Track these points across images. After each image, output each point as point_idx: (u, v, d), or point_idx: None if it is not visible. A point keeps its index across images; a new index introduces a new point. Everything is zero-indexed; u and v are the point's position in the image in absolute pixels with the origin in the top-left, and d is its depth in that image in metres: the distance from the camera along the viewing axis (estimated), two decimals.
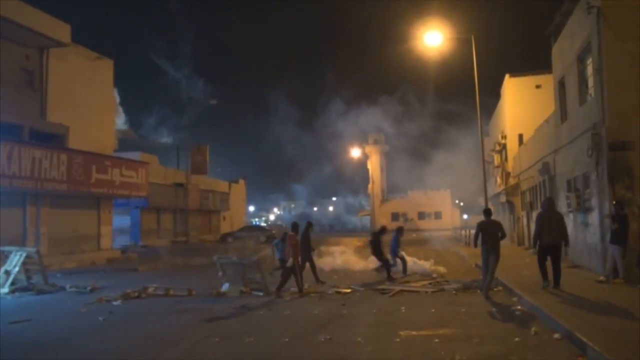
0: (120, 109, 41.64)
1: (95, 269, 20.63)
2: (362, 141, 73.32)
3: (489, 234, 12.15)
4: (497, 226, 12.41)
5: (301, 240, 14.69)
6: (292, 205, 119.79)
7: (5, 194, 19.29)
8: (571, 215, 16.20)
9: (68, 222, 22.96)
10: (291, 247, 13.14)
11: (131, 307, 11.94)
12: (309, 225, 15.89)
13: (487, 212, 13.00)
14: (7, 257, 15.06)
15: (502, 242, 12.41)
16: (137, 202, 34.85)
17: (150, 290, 13.77)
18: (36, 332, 9.51)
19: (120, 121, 42.52)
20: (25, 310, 11.68)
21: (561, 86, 17.25)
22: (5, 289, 14.12)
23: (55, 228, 22.01)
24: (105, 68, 26.91)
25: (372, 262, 17.50)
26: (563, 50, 16.89)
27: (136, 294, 13.32)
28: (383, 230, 17.07)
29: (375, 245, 16.12)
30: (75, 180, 21.79)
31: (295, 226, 14.11)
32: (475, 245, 13.59)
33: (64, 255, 21.86)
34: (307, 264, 15.12)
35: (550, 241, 11.86)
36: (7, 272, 14.53)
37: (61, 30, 22.41)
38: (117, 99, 42.50)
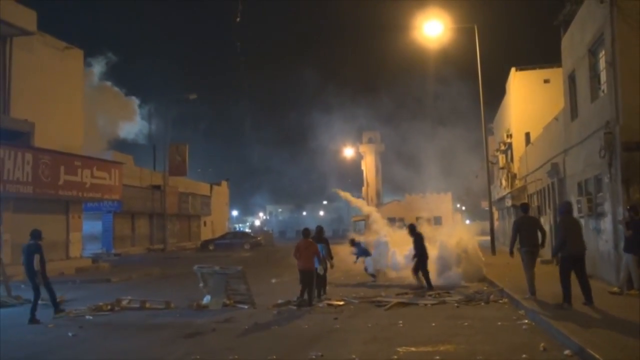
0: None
1: (64, 280, 20.47)
2: (356, 140, 73.41)
3: (530, 232, 12.24)
4: (538, 224, 12.68)
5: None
6: (279, 210, 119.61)
7: None
8: (582, 221, 16.27)
9: (34, 228, 22.77)
10: (314, 255, 13.54)
11: (103, 321, 11.89)
12: (319, 230, 15.77)
13: (525, 207, 13.06)
14: None
15: (507, 250, 12.46)
16: (109, 206, 34.71)
17: (124, 303, 13.71)
18: (0, 348, 9.44)
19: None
20: None
21: (571, 81, 17.36)
22: None
23: (19, 234, 21.72)
24: (75, 59, 26.79)
25: None
26: (573, 42, 17.00)
27: (109, 307, 13.25)
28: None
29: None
30: (42, 182, 21.65)
31: (306, 232, 14.12)
32: (513, 252, 12.54)
33: None
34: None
35: (578, 251, 11.18)
36: None
37: (26, 18, 22.29)
38: (137, 103, 42.91)
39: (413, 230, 16.27)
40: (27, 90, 23.05)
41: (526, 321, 10.36)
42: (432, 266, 16.55)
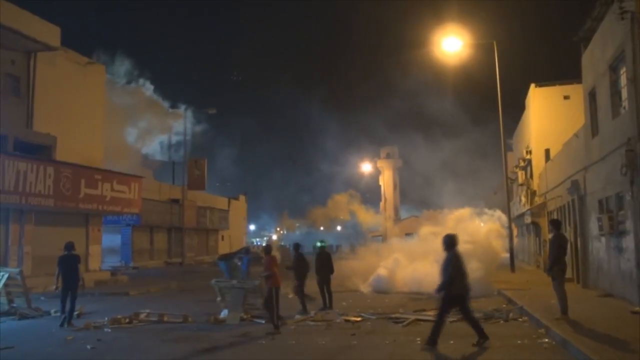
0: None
1: (83, 292, 20.56)
2: (374, 155, 73.36)
3: (565, 250, 12.21)
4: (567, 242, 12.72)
5: (317, 262, 15.45)
6: (297, 225, 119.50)
7: None
8: (603, 239, 16.11)
9: (54, 241, 22.91)
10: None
11: (122, 334, 11.95)
12: (322, 246, 16.32)
13: (557, 223, 12.96)
14: None
15: (528, 268, 12.38)
16: (128, 220, 35.01)
17: (143, 316, 13.78)
18: None
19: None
20: (7, 336, 11.68)
21: (592, 97, 17.25)
22: None
23: (39, 247, 22.06)
24: (96, 74, 27.20)
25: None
26: (594, 58, 16.91)
27: (127, 320, 13.33)
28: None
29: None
30: (63, 195, 21.91)
31: (268, 249, 13.86)
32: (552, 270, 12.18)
33: (49, 276, 21.72)
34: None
35: (466, 290, 10.21)
36: None
37: (50, 33, 22.73)
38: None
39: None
40: (50, 104, 23.42)
41: (546, 340, 10.23)
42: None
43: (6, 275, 14.93)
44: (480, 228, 22.20)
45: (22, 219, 21.48)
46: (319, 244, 16.68)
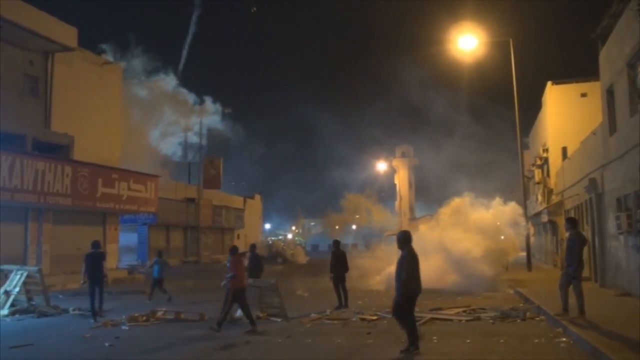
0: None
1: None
2: (389, 154, 73.16)
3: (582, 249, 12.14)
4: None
5: (332, 260, 15.62)
6: (312, 223, 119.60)
7: (6, 209, 19.64)
8: (621, 238, 15.96)
9: (71, 239, 23.26)
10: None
11: (139, 332, 12.04)
12: (336, 243, 16.36)
13: (574, 221, 12.86)
14: (7, 276, 15.33)
15: (544, 267, 12.31)
16: (145, 218, 35.21)
17: (159, 314, 13.87)
18: (38, 358, 9.63)
19: None
20: (26, 334, 11.85)
21: (609, 95, 17.09)
22: (5, 311, 14.34)
23: (57, 245, 22.32)
24: (113, 74, 27.44)
25: None
26: (611, 55, 16.76)
27: (144, 318, 13.42)
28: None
29: None
30: (80, 194, 22.13)
31: (234, 249, 13.13)
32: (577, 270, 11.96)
33: (67, 275, 22.14)
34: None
35: (418, 290, 9.60)
36: (7, 293, 14.77)
37: (67, 34, 22.95)
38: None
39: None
40: (67, 104, 23.66)
41: (564, 339, 10.15)
42: None
43: (25, 274, 15.10)
44: (487, 218, 22.00)
45: (41, 217, 21.72)
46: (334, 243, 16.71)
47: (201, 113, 45.95)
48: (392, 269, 20.52)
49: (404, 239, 9.65)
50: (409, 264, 9.31)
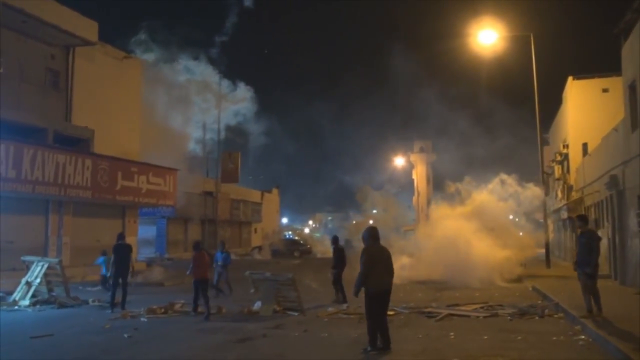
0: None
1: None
2: (407, 149, 72.82)
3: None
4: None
5: (335, 256, 15.94)
6: (329, 218, 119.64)
7: (28, 201, 19.92)
8: None
9: (91, 232, 23.52)
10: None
11: (157, 324, 12.15)
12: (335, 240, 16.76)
13: (586, 218, 12.67)
14: (28, 267, 15.54)
15: (563, 264, 12.18)
16: (163, 212, 35.45)
17: (178, 306, 14.00)
18: (58, 348, 9.76)
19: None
20: (47, 324, 12.02)
21: (632, 90, 16.87)
22: (26, 302, 14.56)
23: (78, 237, 22.57)
24: (134, 68, 27.64)
25: None
26: (634, 50, 16.52)
27: (162, 311, 13.55)
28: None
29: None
30: (100, 187, 22.36)
31: (197, 245, 14.98)
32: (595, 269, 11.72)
33: (87, 266, 22.39)
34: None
35: (383, 287, 9.33)
36: (29, 284, 14.99)
37: (88, 28, 23.14)
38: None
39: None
40: (88, 98, 23.89)
41: (583, 337, 10.06)
42: None
43: (46, 265, 15.31)
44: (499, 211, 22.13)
45: (61, 210, 21.98)
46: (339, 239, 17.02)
47: (219, 102, 45.68)
48: (404, 260, 20.67)
49: (366, 236, 9.43)
50: (364, 262, 9.06)
